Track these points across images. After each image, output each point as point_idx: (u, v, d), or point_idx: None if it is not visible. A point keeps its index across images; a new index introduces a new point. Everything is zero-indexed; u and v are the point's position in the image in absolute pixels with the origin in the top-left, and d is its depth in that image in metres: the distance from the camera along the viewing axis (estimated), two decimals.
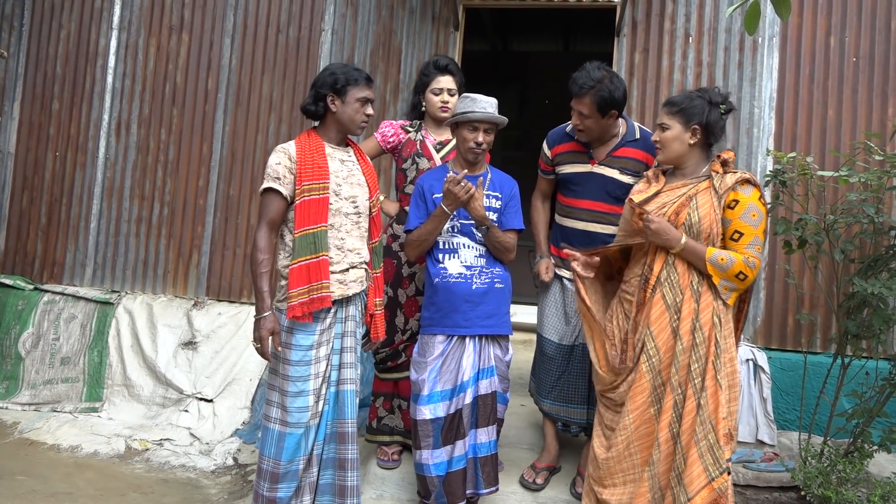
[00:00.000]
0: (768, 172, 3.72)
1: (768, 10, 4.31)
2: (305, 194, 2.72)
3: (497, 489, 3.05)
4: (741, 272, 2.57)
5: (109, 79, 5.43)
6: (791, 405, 4.09)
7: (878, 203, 3.47)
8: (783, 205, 3.66)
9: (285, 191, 2.75)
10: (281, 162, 2.76)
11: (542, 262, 3.35)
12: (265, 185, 2.76)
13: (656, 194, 2.79)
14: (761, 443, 3.93)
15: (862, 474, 3.32)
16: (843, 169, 3.43)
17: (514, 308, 5.24)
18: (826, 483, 3.22)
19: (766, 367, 4.04)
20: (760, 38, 4.44)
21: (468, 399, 2.95)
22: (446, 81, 3.41)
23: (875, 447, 3.37)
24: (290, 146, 2.80)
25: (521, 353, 4.67)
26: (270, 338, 2.69)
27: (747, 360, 4.04)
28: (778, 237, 3.92)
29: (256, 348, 2.71)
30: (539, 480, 3.29)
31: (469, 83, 3.53)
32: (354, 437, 2.87)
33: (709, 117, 2.71)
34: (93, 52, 5.48)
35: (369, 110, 2.87)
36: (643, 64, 4.62)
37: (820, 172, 3.51)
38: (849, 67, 4.31)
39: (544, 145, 3.36)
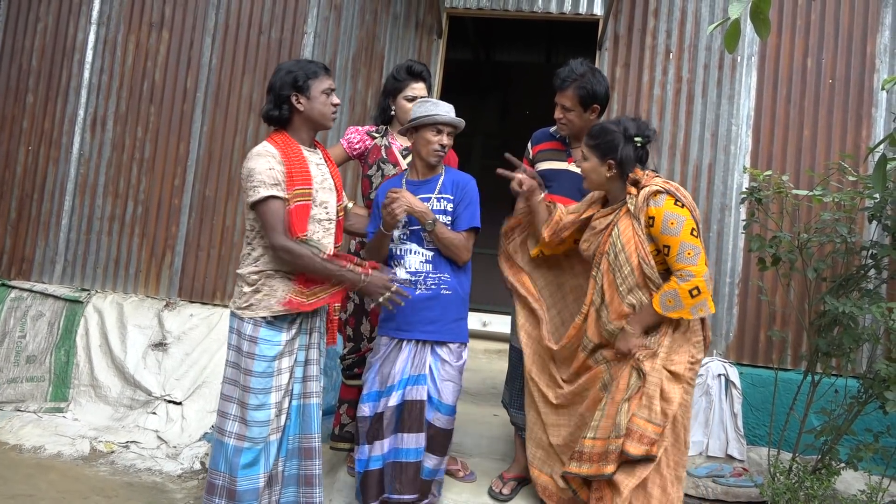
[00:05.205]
0: (744, 189, 3.76)
1: (748, 29, 4.37)
2: (296, 200, 2.60)
3: (416, 498, 2.95)
4: (691, 289, 2.58)
5: (86, 74, 5.35)
6: (761, 421, 4.12)
7: (850, 223, 3.53)
8: (758, 222, 3.69)
9: (286, 196, 2.60)
10: (273, 167, 2.58)
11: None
12: (266, 192, 2.56)
13: (589, 219, 2.91)
14: (731, 458, 3.95)
15: (829, 491, 3.35)
16: (817, 188, 3.48)
17: (488, 317, 5.25)
18: (794, 499, 3.24)
19: (738, 382, 4.07)
20: (739, 57, 4.49)
21: (392, 402, 2.94)
22: (419, 89, 3.33)
23: (842, 464, 3.40)
24: (272, 149, 2.63)
25: (496, 364, 4.66)
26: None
27: (719, 375, 4.07)
28: (752, 254, 3.96)
29: (385, 297, 2.74)
30: (506, 491, 3.27)
31: (451, 91, 3.52)
32: (320, 452, 2.79)
33: (622, 152, 2.72)
34: (70, 46, 5.40)
35: (335, 100, 2.75)
36: (624, 78, 4.65)
37: (795, 191, 3.56)
38: (825, 89, 4.38)
39: (528, 144, 3.40)
